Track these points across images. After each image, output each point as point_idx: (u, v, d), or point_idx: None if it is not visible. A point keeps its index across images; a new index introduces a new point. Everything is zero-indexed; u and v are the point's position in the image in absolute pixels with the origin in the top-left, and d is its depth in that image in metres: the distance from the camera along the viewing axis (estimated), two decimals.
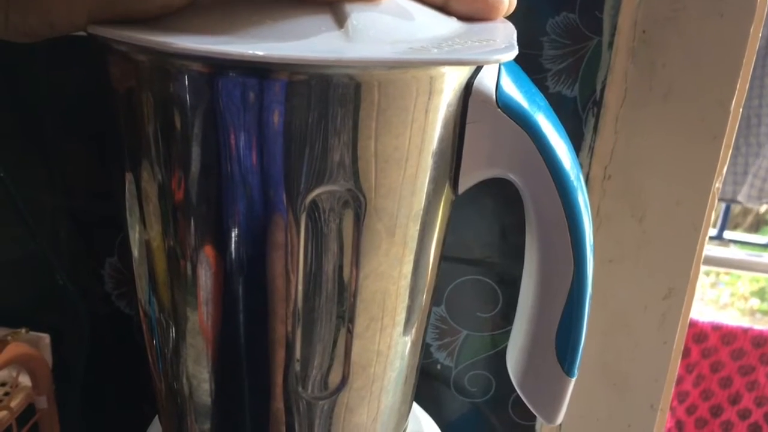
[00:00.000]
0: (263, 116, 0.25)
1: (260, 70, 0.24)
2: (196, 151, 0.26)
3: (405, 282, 0.30)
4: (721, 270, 2.29)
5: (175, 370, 0.32)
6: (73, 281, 0.56)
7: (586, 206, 0.30)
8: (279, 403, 0.31)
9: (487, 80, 0.28)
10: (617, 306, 0.51)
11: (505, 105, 0.28)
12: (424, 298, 0.33)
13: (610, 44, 0.44)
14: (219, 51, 0.22)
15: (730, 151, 0.47)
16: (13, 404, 0.54)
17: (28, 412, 0.56)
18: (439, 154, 0.28)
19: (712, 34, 0.43)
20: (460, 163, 0.29)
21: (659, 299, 0.50)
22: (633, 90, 0.46)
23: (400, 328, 0.32)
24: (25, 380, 0.56)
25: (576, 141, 0.47)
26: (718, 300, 2.61)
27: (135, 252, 0.31)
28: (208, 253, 0.28)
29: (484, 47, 0.26)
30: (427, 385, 0.55)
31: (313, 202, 0.27)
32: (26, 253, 0.58)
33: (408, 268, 0.30)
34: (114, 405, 0.61)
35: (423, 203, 0.29)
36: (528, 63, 0.45)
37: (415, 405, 0.44)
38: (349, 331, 0.30)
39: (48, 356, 0.59)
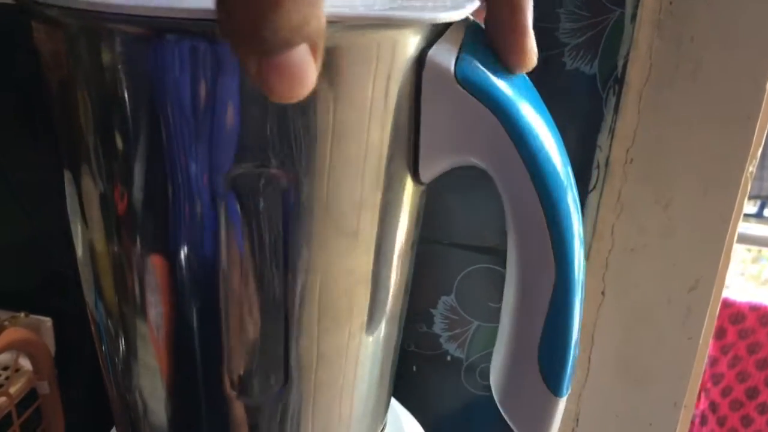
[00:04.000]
0: (194, 84, 0.22)
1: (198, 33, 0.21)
2: (134, 131, 0.23)
3: (356, 277, 0.27)
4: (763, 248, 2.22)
5: (126, 376, 0.30)
6: (73, 265, 0.55)
7: (575, 201, 0.26)
8: (234, 411, 0.28)
9: (445, 51, 0.24)
10: (639, 298, 0.48)
11: (465, 80, 0.24)
12: (390, 294, 0.30)
13: (634, 16, 0.41)
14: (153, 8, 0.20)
15: (765, 133, 0.43)
16: (12, 390, 0.53)
17: (32, 397, 0.55)
18: (393, 136, 0.25)
19: (745, 5, 0.39)
20: (418, 147, 0.26)
21: (684, 292, 0.47)
22: (658, 66, 0.42)
23: (353, 328, 0.29)
24: (26, 364, 0.55)
25: (595, 122, 0.44)
26: (760, 276, 2.53)
27: (78, 251, 0.29)
28: (148, 250, 0.26)
29: (427, 8, 0.22)
30: (437, 377, 0.53)
31: (241, 183, 0.24)
32: (27, 237, 0.56)
33: (359, 261, 0.27)
34: None
35: (376, 192, 0.26)
36: (543, 37, 0.42)
37: (395, 404, 0.42)
38: (287, 332, 0.27)
39: (50, 340, 0.57)
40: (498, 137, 0.24)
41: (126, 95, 0.23)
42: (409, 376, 0.53)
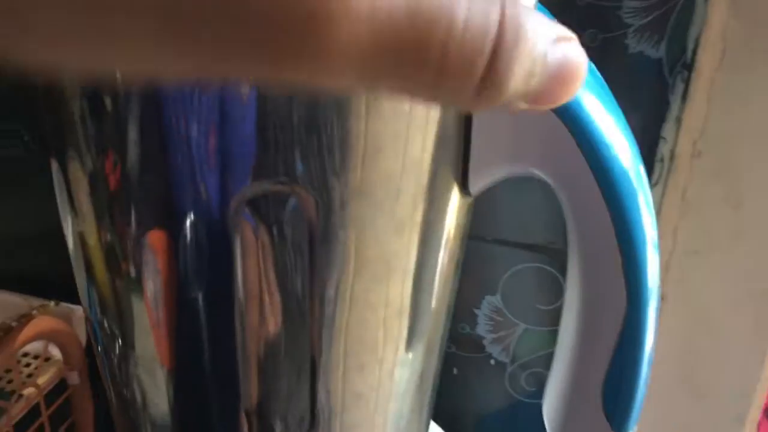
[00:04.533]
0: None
1: None
2: (131, 136, 0.20)
3: (393, 307, 0.24)
4: None
5: (133, 411, 0.27)
6: None
7: (651, 216, 0.22)
8: None
9: None
10: (703, 305, 0.44)
11: None
12: (431, 323, 0.27)
13: None
14: None
15: None
16: (41, 380, 0.51)
17: (61, 387, 0.54)
18: (437, 145, 0.22)
19: None
20: (469, 155, 0.23)
21: (754, 299, 0.43)
22: (733, 50, 0.38)
23: (388, 364, 0.26)
24: (57, 353, 0.54)
25: (660, 110, 0.40)
26: None
27: (70, 244, 0.26)
28: (155, 281, 0.23)
29: None
30: (479, 381, 0.50)
31: (259, 204, 0.21)
32: (60, 223, 0.55)
33: (395, 290, 0.24)
34: None
35: (417, 210, 0.23)
36: (604, 17, 0.38)
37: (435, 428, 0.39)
38: (314, 369, 0.24)
39: (81, 329, 0.56)
40: (564, 145, 0.21)
41: (126, 100, 0.20)
42: (450, 379, 0.50)
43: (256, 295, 0.22)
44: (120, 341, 0.26)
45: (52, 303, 0.53)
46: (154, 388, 0.26)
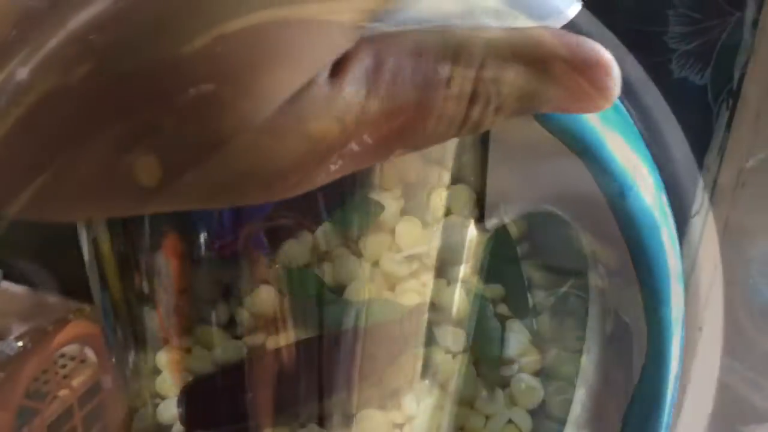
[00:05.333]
0: None
1: None
2: None
3: (406, 345, 0.24)
4: None
5: (135, 391, 0.27)
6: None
7: (675, 250, 0.21)
8: None
9: None
10: None
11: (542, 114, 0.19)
12: (445, 360, 0.26)
13: (755, 22, 0.36)
14: None
15: None
16: (75, 382, 0.52)
17: (96, 389, 0.55)
18: (452, 181, 0.22)
19: None
20: (485, 191, 0.22)
21: None
22: None
23: (391, 400, 0.25)
24: (92, 355, 0.55)
25: (703, 139, 0.39)
26: None
27: (85, 251, 0.26)
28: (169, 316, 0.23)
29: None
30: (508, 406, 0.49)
31: (275, 235, 0.21)
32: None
33: (410, 327, 0.24)
34: None
35: (432, 246, 0.22)
36: (648, 42, 0.37)
37: None
38: (322, 405, 0.24)
39: None
40: (580, 180, 0.20)
41: None
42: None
43: (268, 324, 0.22)
44: (132, 353, 0.26)
45: (88, 307, 0.54)
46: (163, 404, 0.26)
